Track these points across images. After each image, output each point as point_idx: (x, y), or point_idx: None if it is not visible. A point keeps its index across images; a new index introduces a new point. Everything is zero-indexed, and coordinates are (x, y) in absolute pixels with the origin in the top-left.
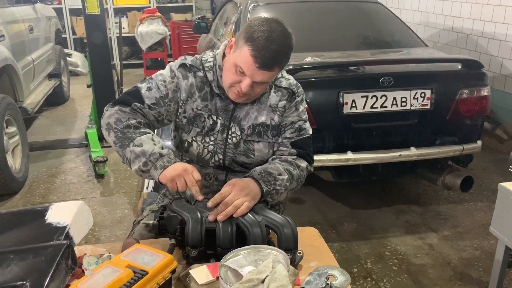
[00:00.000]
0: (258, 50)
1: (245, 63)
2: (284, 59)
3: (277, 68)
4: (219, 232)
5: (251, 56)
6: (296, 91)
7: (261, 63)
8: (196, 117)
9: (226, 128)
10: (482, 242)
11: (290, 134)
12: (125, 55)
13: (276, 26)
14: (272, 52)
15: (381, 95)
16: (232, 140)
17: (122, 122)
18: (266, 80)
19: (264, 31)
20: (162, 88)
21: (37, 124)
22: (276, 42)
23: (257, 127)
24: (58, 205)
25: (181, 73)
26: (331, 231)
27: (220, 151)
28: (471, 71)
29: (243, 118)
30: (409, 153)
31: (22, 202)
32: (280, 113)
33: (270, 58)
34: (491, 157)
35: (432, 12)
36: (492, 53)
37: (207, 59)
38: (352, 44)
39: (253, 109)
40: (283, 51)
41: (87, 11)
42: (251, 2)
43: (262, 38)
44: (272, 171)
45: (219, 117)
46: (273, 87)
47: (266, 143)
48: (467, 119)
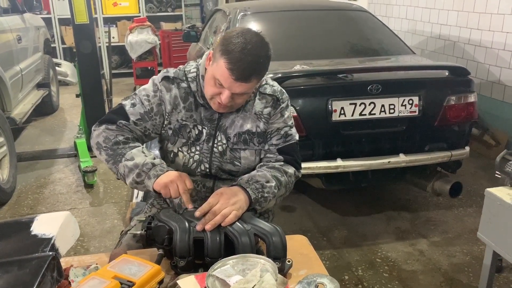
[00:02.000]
0: (233, 62)
1: (222, 76)
2: (261, 70)
3: (255, 79)
4: (207, 241)
5: (227, 69)
6: (280, 97)
7: (237, 76)
8: (181, 128)
9: (211, 137)
10: (471, 247)
11: (276, 140)
12: (115, 64)
13: (252, 37)
14: (248, 63)
15: (370, 102)
16: (218, 149)
17: (111, 140)
18: (245, 91)
19: (238, 43)
20: (146, 103)
21: (25, 134)
22: (251, 54)
23: (243, 134)
24: (44, 216)
25: (164, 86)
26: (322, 238)
27: (206, 160)
28: (458, 78)
29: (228, 126)
30: (398, 160)
31: (10, 214)
32: (266, 120)
33: (246, 70)
34: (479, 163)
35: (420, 20)
36: (478, 60)
37: (190, 70)
38: (340, 52)
39: (239, 117)
40: (259, 61)
41: (76, 20)
42: (240, 11)
43: (237, 51)
44: (260, 179)
45: (204, 126)
46: (257, 94)
47: (252, 150)
48: (455, 125)
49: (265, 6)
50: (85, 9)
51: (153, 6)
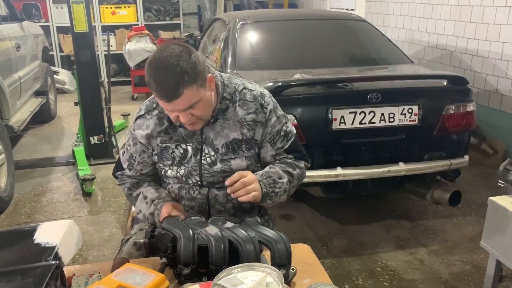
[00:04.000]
0: (154, 88)
1: (160, 102)
2: (184, 77)
3: (186, 89)
4: (212, 249)
5: (156, 97)
6: (263, 101)
7: (166, 97)
8: (163, 151)
9: (198, 151)
10: (471, 256)
11: (281, 143)
12: (113, 73)
13: (162, 54)
14: (165, 82)
15: (369, 111)
16: (207, 161)
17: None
18: (190, 103)
19: (151, 67)
20: (129, 148)
21: (23, 142)
22: (163, 71)
23: (230, 144)
24: (47, 224)
25: (137, 125)
26: (321, 247)
27: (195, 173)
28: (457, 87)
29: (214, 138)
30: (398, 168)
31: (7, 222)
32: (250, 127)
33: (167, 88)
34: (478, 172)
35: (417, 30)
36: (476, 69)
37: None
38: (340, 61)
39: (222, 127)
40: (176, 72)
41: (75, 28)
42: (239, 20)
43: (151, 75)
44: (273, 175)
45: (188, 144)
46: (237, 101)
47: (242, 157)
48: (454, 134)
49: (264, 16)
50: (85, 17)
51: (152, 15)
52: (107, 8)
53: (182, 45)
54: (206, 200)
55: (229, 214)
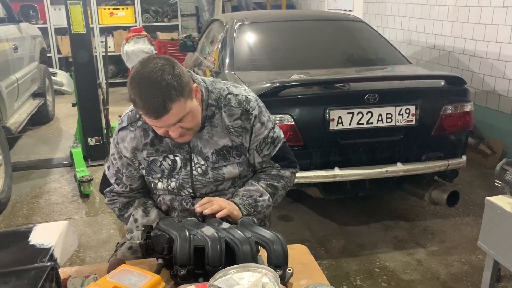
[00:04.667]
0: (141, 108)
1: (148, 120)
2: (170, 91)
3: (174, 103)
4: (208, 250)
5: (144, 116)
6: (248, 107)
7: (154, 115)
8: (151, 165)
9: (188, 161)
10: (469, 256)
11: (267, 150)
12: (111, 74)
13: (143, 72)
14: (152, 101)
15: (367, 111)
16: (198, 171)
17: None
18: (179, 117)
19: (134, 87)
20: (114, 162)
21: (21, 143)
22: (148, 90)
23: (220, 151)
24: (42, 226)
25: (120, 138)
26: (319, 248)
27: (187, 185)
28: (454, 87)
29: (203, 146)
30: (396, 169)
31: (5, 224)
32: (238, 133)
33: (155, 106)
34: (476, 172)
35: (415, 31)
36: (473, 69)
37: None
38: (337, 62)
39: (210, 134)
40: (162, 89)
41: (73, 30)
42: (237, 21)
43: (137, 96)
44: (254, 193)
45: (176, 154)
46: (222, 107)
47: (234, 164)
48: (451, 134)
49: (262, 17)
50: (82, 18)
51: (150, 16)
52: (105, 9)
53: (163, 58)
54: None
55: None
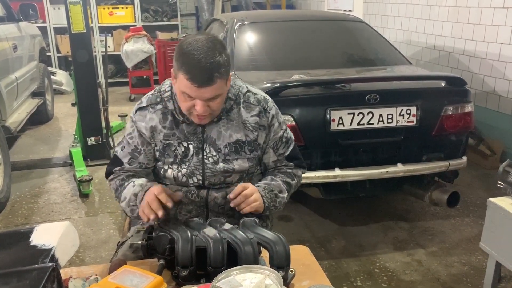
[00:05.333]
0: (189, 71)
1: (186, 87)
2: (219, 67)
3: (219, 79)
4: (210, 250)
5: (187, 79)
6: (266, 106)
7: (199, 82)
8: (165, 148)
9: (200, 150)
10: (470, 257)
11: (282, 149)
12: (110, 73)
13: (198, 41)
14: (203, 67)
15: (368, 112)
16: (209, 160)
17: (114, 189)
18: (215, 94)
19: (188, 51)
20: (131, 141)
21: (20, 143)
22: (204, 57)
23: (233, 145)
24: (44, 226)
25: (138, 117)
26: (319, 248)
27: (198, 172)
28: (455, 88)
29: (217, 138)
30: (396, 170)
31: (4, 224)
32: (253, 129)
33: (204, 73)
34: (475, 173)
35: (415, 31)
36: (473, 70)
37: (165, 89)
38: (338, 62)
39: (225, 127)
40: (215, 61)
41: (73, 29)
42: (237, 21)
43: (188, 59)
44: (274, 188)
45: (190, 142)
46: (241, 103)
47: (245, 159)
48: (452, 135)
49: (262, 16)
50: (82, 18)
51: (149, 16)
52: (105, 8)
53: (217, 37)
54: (205, 203)
55: (228, 215)
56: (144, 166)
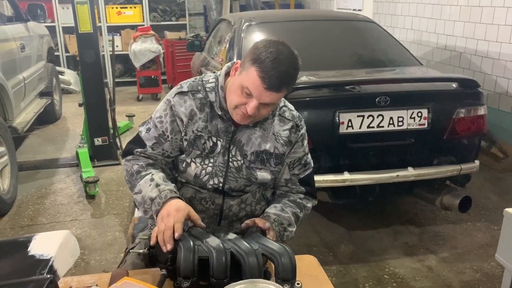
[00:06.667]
0: (266, 71)
1: (253, 84)
2: (291, 80)
3: (285, 90)
4: (213, 261)
5: (259, 77)
6: (299, 123)
7: (269, 84)
8: (196, 139)
9: (226, 150)
10: (482, 264)
11: (298, 170)
12: (118, 73)
13: (283, 48)
14: (280, 73)
15: (378, 114)
16: (233, 164)
17: (128, 172)
18: (273, 101)
19: (271, 52)
20: (159, 125)
21: (27, 143)
22: (283, 64)
23: (260, 154)
24: (42, 235)
25: (177, 101)
26: (328, 253)
27: (220, 174)
28: (467, 90)
29: (245, 143)
30: (407, 173)
31: (10, 225)
32: (284, 143)
33: (278, 79)
34: (487, 176)
35: (425, 31)
36: (486, 71)
37: (208, 80)
38: (347, 63)
39: (256, 135)
40: (290, 72)
41: (80, 29)
42: (245, 21)
43: (270, 60)
44: (284, 221)
45: (219, 139)
46: (276, 115)
47: (268, 171)
48: (464, 138)
49: (270, 16)
50: (89, 18)
51: (157, 15)
52: (113, 8)
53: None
54: (220, 211)
55: (241, 222)
56: (167, 155)
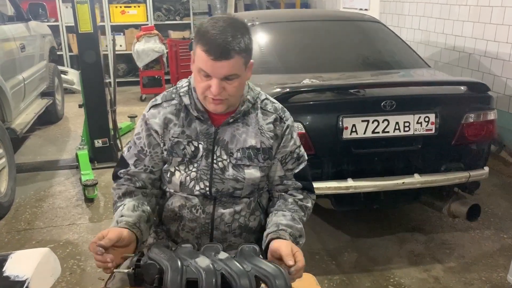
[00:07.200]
0: (207, 43)
1: (203, 62)
2: (239, 42)
3: (236, 54)
4: (202, 283)
5: (204, 52)
6: (283, 115)
7: (215, 54)
8: (174, 146)
9: (210, 152)
10: (490, 274)
11: (291, 165)
12: (122, 73)
13: (222, 17)
14: (222, 39)
15: (383, 119)
16: (218, 165)
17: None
18: (231, 72)
19: (209, 24)
20: (138, 141)
21: (28, 143)
22: (223, 30)
23: (247, 150)
24: (19, 253)
25: (151, 113)
26: (330, 262)
27: (205, 177)
28: (477, 94)
29: (229, 141)
30: (413, 181)
31: (6, 229)
32: (269, 136)
33: (221, 46)
34: (496, 181)
35: (433, 31)
36: (495, 73)
37: (182, 85)
38: (352, 65)
39: (240, 131)
40: (235, 35)
41: (80, 29)
42: (247, 21)
43: (208, 31)
44: (296, 233)
45: (200, 142)
46: (259, 109)
47: (257, 167)
48: (473, 144)
49: (273, 16)
50: (89, 18)
51: (161, 15)
52: (117, 7)
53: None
54: (211, 220)
55: (234, 234)
56: (149, 170)
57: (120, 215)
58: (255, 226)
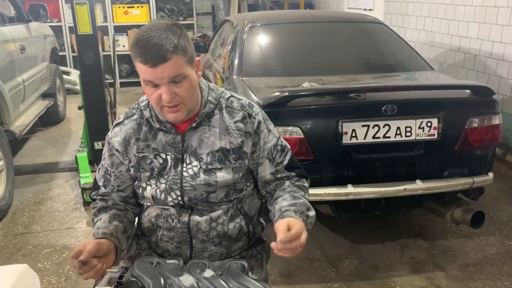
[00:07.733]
0: (141, 53)
1: (143, 72)
2: (171, 42)
3: (173, 54)
4: None
5: (140, 62)
6: (251, 111)
7: (151, 60)
8: (140, 162)
9: (179, 161)
10: (495, 283)
11: (279, 158)
12: (125, 73)
13: (148, 24)
14: (154, 44)
15: (384, 124)
16: (189, 173)
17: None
18: (174, 74)
19: (138, 36)
20: (103, 162)
21: (28, 145)
22: (151, 36)
23: (217, 153)
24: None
25: (114, 132)
26: (330, 269)
27: (176, 187)
28: (481, 98)
29: (198, 146)
30: (415, 187)
31: (3, 233)
32: (238, 135)
33: (153, 50)
34: (502, 185)
35: (438, 32)
36: (501, 74)
37: (142, 99)
38: (353, 68)
39: (207, 135)
40: (165, 36)
41: (79, 30)
42: (248, 22)
43: (138, 41)
44: (303, 208)
45: (168, 153)
46: (224, 108)
47: (229, 169)
48: (477, 149)
49: (274, 18)
50: (89, 19)
51: (165, 15)
52: (120, 8)
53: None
54: (187, 229)
55: (214, 243)
56: (117, 189)
57: (97, 227)
58: (235, 233)
